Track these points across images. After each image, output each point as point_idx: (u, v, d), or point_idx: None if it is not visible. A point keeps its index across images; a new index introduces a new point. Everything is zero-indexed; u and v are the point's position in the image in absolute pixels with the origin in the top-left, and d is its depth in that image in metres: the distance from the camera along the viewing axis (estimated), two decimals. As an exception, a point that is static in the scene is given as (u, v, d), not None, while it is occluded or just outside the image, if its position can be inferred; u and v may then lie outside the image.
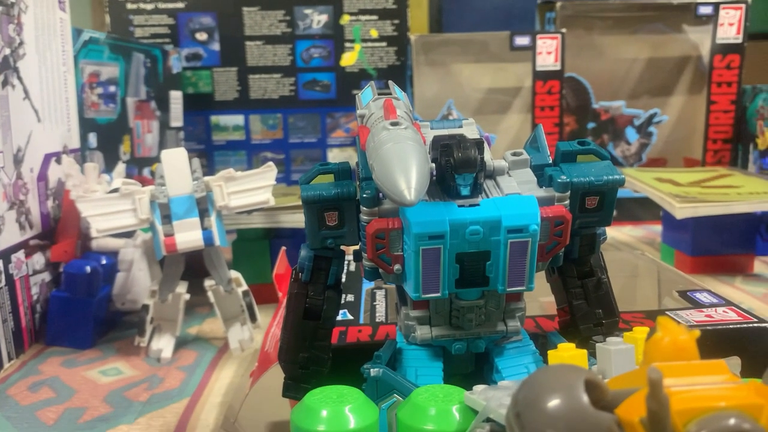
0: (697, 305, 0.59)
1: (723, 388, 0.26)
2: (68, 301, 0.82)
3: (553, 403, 0.24)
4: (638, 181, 1.18)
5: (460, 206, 0.42)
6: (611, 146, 1.58)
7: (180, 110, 1.44)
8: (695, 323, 0.54)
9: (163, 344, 0.80)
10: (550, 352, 0.36)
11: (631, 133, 1.58)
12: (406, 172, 0.37)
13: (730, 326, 0.53)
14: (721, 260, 1.13)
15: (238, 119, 1.52)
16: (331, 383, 0.48)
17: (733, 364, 0.56)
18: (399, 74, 1.51)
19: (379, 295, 0.66)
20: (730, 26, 1.49)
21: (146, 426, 0.62)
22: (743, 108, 1.52)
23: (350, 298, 0.65)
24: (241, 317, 0.81)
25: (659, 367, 0.27)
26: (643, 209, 1.49)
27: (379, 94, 0.47)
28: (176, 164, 0.77)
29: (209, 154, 1.53)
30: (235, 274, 0.81)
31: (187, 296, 0.81)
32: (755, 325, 0.54)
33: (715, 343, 0.53)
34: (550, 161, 0.46)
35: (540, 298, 0.71)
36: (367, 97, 0.47)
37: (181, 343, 0.83)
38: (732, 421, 0.24)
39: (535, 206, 0.42)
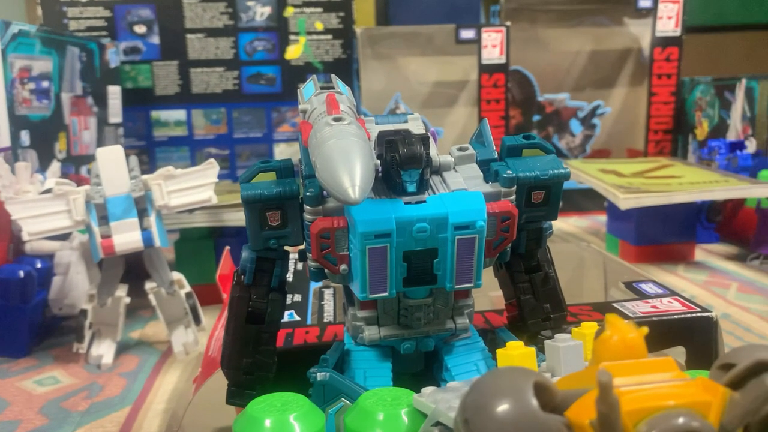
0: (643, 296, 0.59)
1: (672, 386, 0.25)
2: (0, 307, 0.78)
3: (502, 408, 0.23)
4: (583, 173, 1.19)
5: (406, 203, 0.41)
6: (556, 138, 1.60)
7: (119, 106, 1.39)
8: (641, 314, 0.55)
9: (104, 350, 0.77)
10: (498, 351, 0.36)
11: (575, 125, 1.60)
12: (349, 169, 0.35)
13: (675, 317, 0.54)
14: (664, 249, 1.16)
15: (180, 114, 1.48)
16: (278, 388, 0.46)
17: (679, 353, 0.56)
18: (345, 67, 1.50)
19: (328, 294, 0.65)
20: (669, 19, 1.52)
21: (85, 437, 0.59)
22: (682, 99, 1.56)
23: (297, 298, 0.64)
24: (184, 320, 0.79)
25: (608, 366, 0.26)
26: (588, 200, 1.52)
27: (321, 89, 0.45)
28: (112, 162, 0.74)
29: (150, 151, 1.48)
30: (177, 275, 0.79)
31: (128, 299, 0.78)
32: (699, 314, 0.54)
33: (661, 333, 0.54)
34: (496, 156, 0.46)
35: (490, 293, 0.71)
36: (309, 91, 0.46)
37: (122, 349, 0.80)
38: (681, 420, 0.24)
39: (481, 202, 0.41)
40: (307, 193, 0.41)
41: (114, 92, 1.38)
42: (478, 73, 1.46)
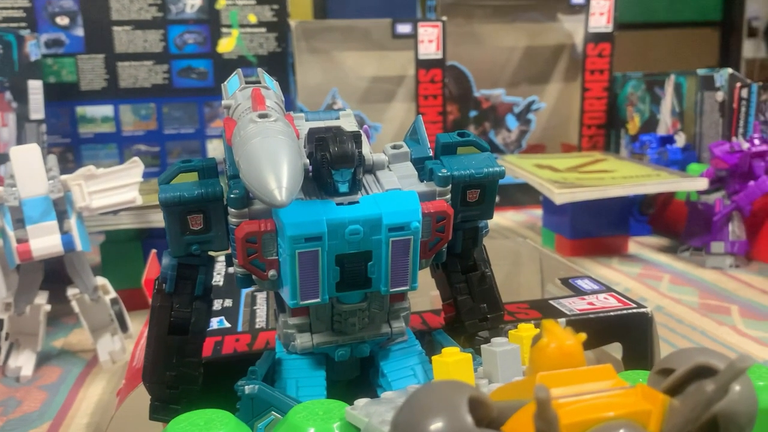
0: (579, 292, 0.59)
1: (611, 396, 0.24)
2: None
3: (435, 426, 0.22)
4: (519, 168, 1.20)
5: (338, 204, 0.39)
6: (493, 134, 1.61)
7: (40, 101, 1.32)
8: (578, 312, 0.54)
9: (22, 361, 0.72)
10: (434, 359, 0.34)
11: (511, 121, 1.61)
12: (275, 169, 0.33)
13: (611, 313, 0.54)
14: (598, 242, 1.17)
15: (106, 110, 1.42)
16: (205, 401, 0.44)
17: (615, 350, 0.57)
18: (280, 61, 1.46)
19: (260, 298, 0.62)
20: (601, 16, 1.55)
21: (-2, 458, 0.55)
22: (614, 95, 1.59)
23: (228, 303, 0.61)
24: (110, 327, 0.75)
25: (546, 376, 0.25)
26: (524, 194, 1.53)
27: (246, 83, 0.43)
28: (28, 162, 0.69)
29: (76, 149, 1.42)
30: (101, 280, 0.75)
31: (48, 307, 0.73)
32: (634, 310, 0.54)
33: (598, 330, 0.54)
34: (431, 154, 0.44)
35: (430, 292, 0.70)
36: (233, 86, 0.44)
37: (43, 359, 0.75)
38: None
39: (416, 202, 0.40)
40: (232, 195, 0.39)
41: (35, 87, 1.31)
42: (415, 68, 1.45)
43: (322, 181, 0.40)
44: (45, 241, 0.68)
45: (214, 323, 0.56)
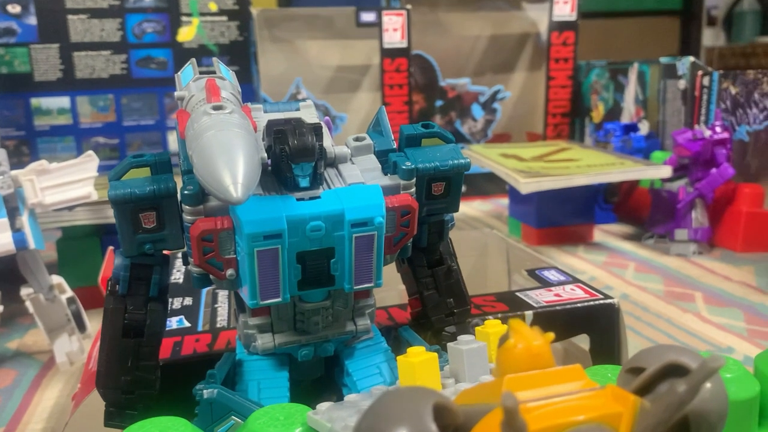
0: (546, 284, 0.59)
1: (581, 398, 0.24)
2: None
3: (401, 437, 0.21)
4: (485, 158, 1.19)
5: (298, 200, 0.38)
6: (459, 123, 1.60)
7: (-8, 93, 1.28)
8: (545, 303, 0.54)
9: (-26, 365, 0.70)
10: (399, 359, 0.33)
11: (476, 110, 1.61)
12: (230, 164, 0.32)
13: (578, 305, 0.53)
14: (564, 231, 1.18)
15: (63, 101, 1.37)
16: (164, 406, 0.42)
17: (583, 341, 0.56)
18: (242, 51, 1.44)
19: (222, 296, 0.60)
20: (565, 4, 1.55)
21: (-53, 468, 0.53)
22: (579, 83, 1.60)
23: (188, 301, 0.59)
24: (67, 327, 0.72)
25: (514, 379, 0.24)
26: (491, 183, 1.53)
27: (201, 73, 0.41)
28: (-25, 157, 0.66)
29: (31, 142, 1.37)
30: (57, 279, 0.72)
31: (0, 308, 0.70)
32: (601, 302, 0.54)
33: (565, 322, 0.53)
34: (395, 146, 0.43)
35: (398, 286, 0.69)
36: (187, 76, 0.42)
37: (-3, 361, 0.73)
38: (592, 436, 0.22)
39: (379, 197, 0.38)
40: (185, 191, 0.37)
41: (-15, 78, 1.26)
42: (380, 57, 1.43)
43: (282, 175, 0.38)
44: (-5, 239, 0.65)
45: (174, 323, 0.55)
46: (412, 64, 1.47)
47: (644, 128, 1.34)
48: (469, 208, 1.49)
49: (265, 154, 0.39)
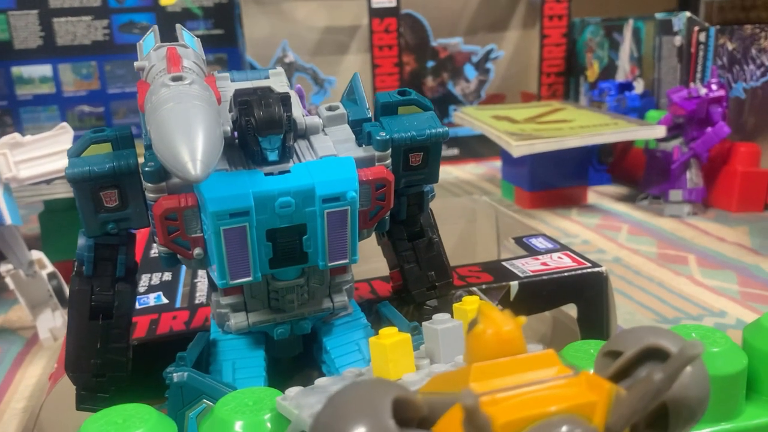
0: (533, 252, 0.57)
1: (552, 387, 0.22)
2: None
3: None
4: (476, 120, 1.17)
5: (267, 175, 0.36)
6: (451, 84, 1.57)
7: (-30, 62, 1.25)
8: (531, 273, 0.52)
9: (-44, 342, 0.69)
10: (371, 340, 0.32)
11: (469, 70, 1.57)
12: (189, 140, 0.30)
13: (565, 274, 0.52)
14: (557, 193, 1.16)
15: (45, 69, 1.34)
16: (138, 387, 0.41)
17: (571, 310, 0.55)
18: (227, 13, 1.40)
19: (202, 271, 0.59)
20: (558, -41, 1.50)
21: (-73, 450, 0.52)
22: (573, 41, 1.56)
23: (167, 276, 0.58)
24: (50, 302, 0.71)
25: (481, 368, 0.23)
26: (484, 146, 1.51)
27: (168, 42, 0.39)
28: (-55, 131, 0.64)
29: (14, 111, 1.34)
30: (37, 254, 0.71)
31: (-20, 285, 0.69)
32: (589, 270, 0.53)
33: (552, 292, 0.52)
34: (369, 115, 0.41)
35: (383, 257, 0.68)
36: (149, 45, 0.39)
37: (-20, 338, 0.72)
38: (564, 429, 0.21)
39: (352, 170, 0.37)
40: (146, 168, 0.35)
41: (-37, 47, 1.23)
42: (368, 17, 1.40)
43: (249, 149, 0.37)
44: (-31, 215, 0.64)
45: (151, 299, 0.53)
46: (401, 24, 1.43)
47: (639, 86, 1.31)
48: (461, 171, 1.48)
49: (227, 128, 0.37)
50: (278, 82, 0.42)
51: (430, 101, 0.43)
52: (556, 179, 1.16)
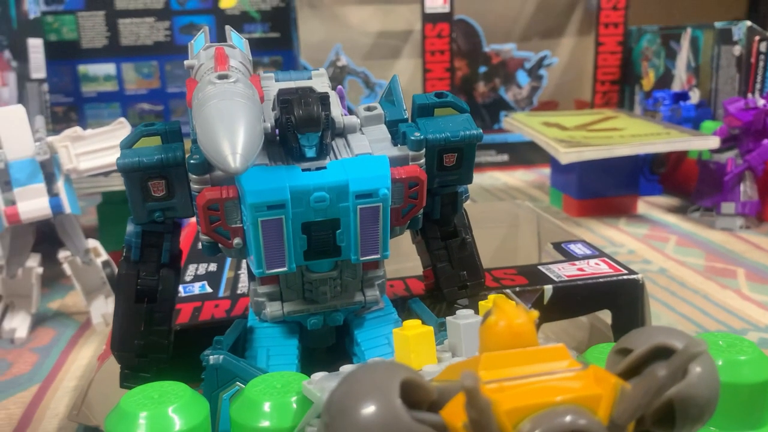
0: (571, 258, 0.57)
1: (559, 379, 0.23)
2: None
3: (364, 411, 0.21)
4: (526, 126, 1.17)
5: (304, 170, 0.38)
6: (503, 90, 1.57)
7: (41, 60, 1.31)
8: (566, 278, 0.53)
9: (17, 323, 0.72)
10: (394, 331, 0.33)
11: (522, 77, 1.57)
12: (230, 134, 0.32)
13: (600, 280, 0.52)
14: (606, 202, 1.15)
15: (109, 68, 1.40)
16: (178, 370, 0.43)
17: (606, 317, 0.55)
18: (283, 17, 1.43)
19: (246, 262, 0.61)
20: (616, -34, 1.49)
21: (-15, 420, 0.55)
22: (629, 49, 1.54)
23: (213, 267, 0.60)
24: (103, 289, 0.74)
25: (491, 357, 0.24)
26: (534, 153, 1.50)
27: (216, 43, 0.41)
28: (14, 124, 0.68)
29: (79, 108, 1.41)
30: (93, 243, 0.74)
31: (40, 270, 0.73)
32: (625, 277, 0.53)
33: (586, 297, 0.52)
34: (406, 116, 0.42)
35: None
36: (199, 45, 0.42)
37: (39, 321, 0.76)
38: (568, 418, 0.22)
39: (385, 168, 0.38)
40: (191, 160, 0.37)
41: (35, 45, 1.30)
42: (421, 22, 1.41)
43: (289, 145, 0.38)
44: (33, 204, 0.68)
45: (196, 288, 0.56)
46: (454, 30, 1.44)
47: (695, 96, 1.28)
48: (511, 177, 1.47)
49: (268, 125, 0.38)
50: (320, 82, 0.43)
51: (467, 104, 0.44)
52: (605, 188, 1.14)
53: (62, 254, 0.73)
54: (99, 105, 1.41)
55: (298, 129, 0.37)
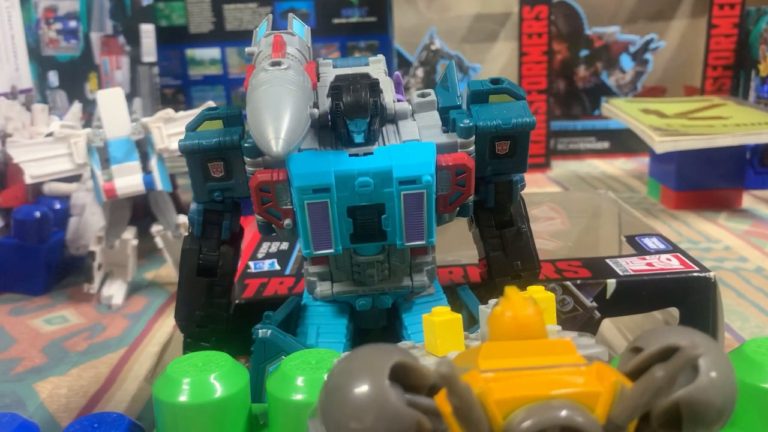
0: (642, 252, 0.55)
1: (560, 373, 0.23)
2: (18, 247, 0.81)
3: (355, 390, 0.21)
4: (623, 113, 1.12)
5: (351, 155, 0.38)
6: (605, 75, 1.51)
7: (152, 44, 1.39)
8: (632, 272, 0.51)
9: (114, 290, 0.78)
10: (424, 317, 0.33)
11: (626, 61, 1.50)
12: (276, 119, 0.33)
13: (668, 276, 0.50)
14: (707, 195, 1.08)
15: (214, 52, 1.47)
16: (235, 341, 0.46)
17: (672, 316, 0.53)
18: (381, 1, 1.44)
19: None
20: (732, -58, 1.39)
21: (77, 377, 0.61)
22: (746, 32, 1.44)
23: (284, 246, 0.62)
24: (191, 262, 0.79)
25: (491, 346, 0.24)
26: (637, 141, 1.43)
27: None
28: (113, 105, 0.73)
29: (186, 90, 1.48)
30: (183, 218, 0.79)
31: (135, 242, 0.79)
32: (695, 274, 0.50)
33: (652, 293, 0.50)
34: (459, 102, 0.42)
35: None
36: (262, 32, 0.43)
37: (134, 289, 0.81)
38: (563, 413, 0.21)
39: (431, 154, 0.38)
40: (246, 144, 0.39)
41: (147, 31, 1.38)
42: (519, 5, 1.38)
43: (338, 131, 0.39)
44: (128, 180, 0.73)
45: (266, 265, 0.58)
46: (554, 12, 1.40)
47: (816, 83, 1.18)
48: (610, 166, 1.42)
49: (315, 111, 0.39)
50: (376, 69, 0.44)
51: (523, 90, 0.43)
52: (706, 180, 1.08)
53: (155, 228, 0.78)
54: (204, 88, 1.48)
55: (346, 115, 0.38)
